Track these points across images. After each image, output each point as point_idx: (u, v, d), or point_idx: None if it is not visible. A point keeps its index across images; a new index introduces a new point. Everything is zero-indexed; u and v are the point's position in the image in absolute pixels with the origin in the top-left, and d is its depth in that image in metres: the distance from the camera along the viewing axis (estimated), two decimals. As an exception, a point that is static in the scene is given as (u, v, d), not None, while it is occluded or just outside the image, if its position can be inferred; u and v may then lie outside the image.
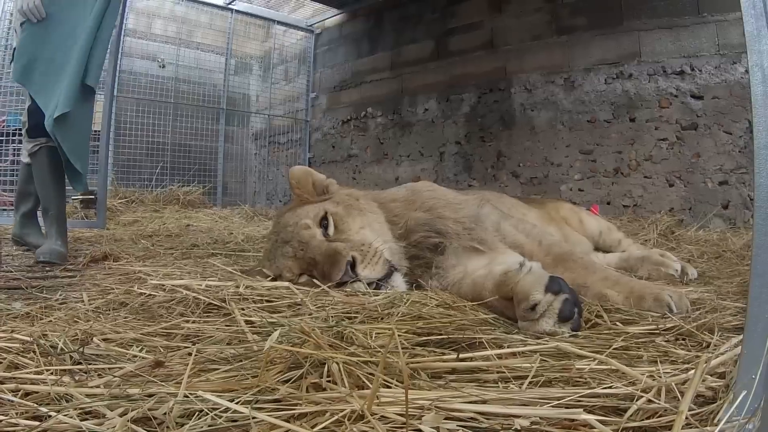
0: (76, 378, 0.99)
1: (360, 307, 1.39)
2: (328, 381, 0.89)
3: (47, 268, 2.58)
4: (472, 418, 0.78)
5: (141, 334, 1.28)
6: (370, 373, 0.90)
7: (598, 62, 4.89)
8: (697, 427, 0.76)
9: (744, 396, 0.78)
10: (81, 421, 0.80)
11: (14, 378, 0.98)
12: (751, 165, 3.85)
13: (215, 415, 0.79)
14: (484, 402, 0.81)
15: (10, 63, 3.09)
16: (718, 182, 4.16)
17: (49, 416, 0.82)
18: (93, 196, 4.83)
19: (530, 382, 0.93)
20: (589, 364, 0.99)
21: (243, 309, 1.48)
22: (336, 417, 0.77)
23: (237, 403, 0.81)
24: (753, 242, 0.83)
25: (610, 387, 0.88)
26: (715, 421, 0.77)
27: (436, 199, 1.97)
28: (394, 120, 6.81)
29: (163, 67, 7.63)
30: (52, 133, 2.68)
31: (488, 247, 1.78)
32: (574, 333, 1.25)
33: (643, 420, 0.79)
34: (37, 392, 0.92)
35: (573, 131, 5.04)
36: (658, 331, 1.25)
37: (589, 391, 0.86)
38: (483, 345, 1.15)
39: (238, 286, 1.72)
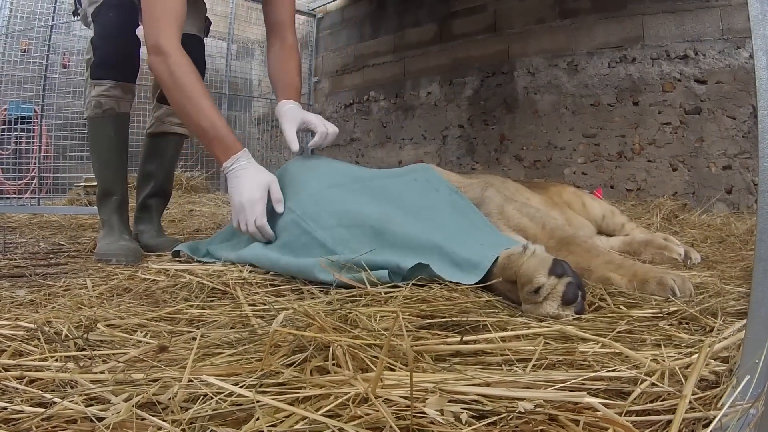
0: (81, 364, 1.00)
1: (363, 291, 1.39)
2: (333, 364, 0.89)
3: (51, 256, 2.59)
4: (475, 401, 0.78)
5: (145, 319, 1.28)
6: (374, 356, 0.90)
7: (601, 46, 4.85)
8: (701, 411, 0.76)
9: (747, 381, 0.78)
10: (86, 407, 0.80)
11: (19, 365, 0.98)
12: (754, 150, 3.84)
13: (220, 399, 0.79)
14: (487, 385, 0.81)
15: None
16: (722, 167, 4.14)
17: (54, 403, 0.82)
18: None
19: (534, 365, 0.93)
20: (592, 348, 0.99)
21: (247, 293, 1.48)
22: (340, 400, 0.77)
23: (241, 387, 0.81)
24: (757, 227, 0.83)
25: (613, 370, 0.88)
26: (719, 405, 0.77)
27: None
28: (396, 104, 6.77)
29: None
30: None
31: (492, 231, 1.78)
32: (578, 316, 1.25)
33: (646, 403, 0.79)
34: (41, 379, 0.92)
35: (576, 115, 5.01)
36: (661, 315, 1.25)
37: (592, 374, 0.86)
38: (487, 328, 1.15)
39: (241, 271, 1.73)
